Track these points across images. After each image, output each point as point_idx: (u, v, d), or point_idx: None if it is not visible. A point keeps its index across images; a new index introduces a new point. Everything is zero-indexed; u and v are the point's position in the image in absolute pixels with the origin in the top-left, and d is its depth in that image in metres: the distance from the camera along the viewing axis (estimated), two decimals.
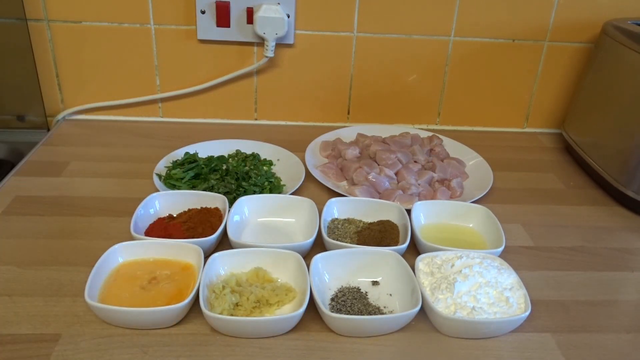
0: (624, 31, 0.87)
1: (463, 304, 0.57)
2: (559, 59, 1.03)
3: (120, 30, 0.95)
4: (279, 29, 0.93)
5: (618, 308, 0.64)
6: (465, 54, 1.01)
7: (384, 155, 0.87)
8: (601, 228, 0.79)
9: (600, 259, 0.72)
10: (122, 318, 0.55)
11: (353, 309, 0.58)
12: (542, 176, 0.94)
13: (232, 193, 0.77)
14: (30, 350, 0.53)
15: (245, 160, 0.86)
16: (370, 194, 0.80)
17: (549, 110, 1.09)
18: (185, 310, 0.56)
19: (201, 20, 0.94)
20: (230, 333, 0.56)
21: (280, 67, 1.00)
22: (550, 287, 0.66)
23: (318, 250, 0.66)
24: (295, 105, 1.05)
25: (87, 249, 0.66)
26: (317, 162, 0.90)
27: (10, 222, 0.72)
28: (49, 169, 0.85)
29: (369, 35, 0.98)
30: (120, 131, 0.99)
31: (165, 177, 0.81)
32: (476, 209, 0.75)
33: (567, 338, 0.59)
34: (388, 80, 1.03)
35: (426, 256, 0.64)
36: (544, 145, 1.05)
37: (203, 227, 0.68)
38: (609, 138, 0.88)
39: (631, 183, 0.81)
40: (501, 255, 0.66)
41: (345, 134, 0.98)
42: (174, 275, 0.61)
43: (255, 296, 0.58)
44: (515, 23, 0.99)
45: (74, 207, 0.76)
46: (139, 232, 0.66)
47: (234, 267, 0.62)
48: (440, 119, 1.08)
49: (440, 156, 0.92)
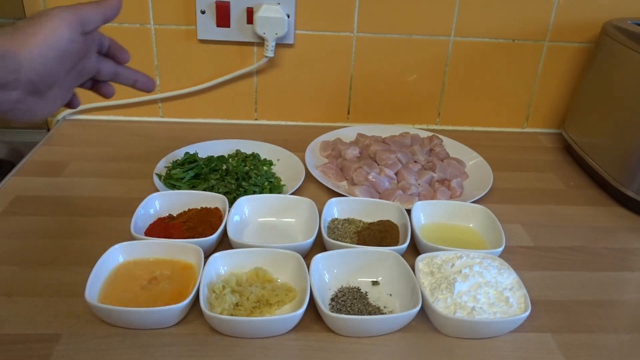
0: (624, 31, 0.87)
1: (463, 304, 0.57)
2: (559, 59, 1.03)
3: (120, 30, 0.95)
4: (279, 29, 0.93)
5: (618, 308, 0.64)
6: (465, 54, 1.01)
7: (384, 155, 0.87)
8: (601, 228, 0.79)
9: (600, 259, 0.72)
10: (122, 318, 0.55)
11: (353, 309, 0.58)
12: (542, 176, 0.94)
13: (232, 193, 0.77)
14: (30, 350, 0.53)
15: (245, 160, 0.86)
16: (370, 194, 0.80)
17: (549, 110, 1.09)
18: (185, 310, 0.56)
19: (201, 20, 0.94)
20: (230, 333, 0.56)
21: (280, 67, 1.00)
22: (550, 287, 0.66)
23: (318, 250, 0.66)
24: (295, 105, 1.05)
25: (87, 249, 0.66)
26: (317, 162, 0.90)
27: (10, 222, 0.72)
28: (49, 169, 0.85)
29: (369, 35, 0.98)
30: (120, 131, 0.99)
31: (165, 177, 0.81)
32: (476, 209, 0.75)
33: (567, 338, 0.59)
34: (388, 80, 1.03)
35: (426, 256, 0.64)
36: (544, 145, 1.05)
37: (203, 227, 0.68)
38: (609, 138, 0.88)
39: (631, 183, 0.81)
40: (501, 255, 0.66)
41: (345, 134, 0.98)
42: (174, 275, 0.61)
43: (255, 296, 0.58)
44: (515, 23, 0.99)
45: (74, 207, 0.76)
46: (139, 232, 0.66)
47: (234, 267, 0.62)
48: (440, 119, 1.08)
49: (440, 156, 0.92)
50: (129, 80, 0.61)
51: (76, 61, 0.52)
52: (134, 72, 0.62)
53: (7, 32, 0.46)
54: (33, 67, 0.47)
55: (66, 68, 0.51)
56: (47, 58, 0.48)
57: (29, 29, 0.47)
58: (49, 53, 0.48)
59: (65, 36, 0.49)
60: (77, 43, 0.50)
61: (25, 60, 0.46)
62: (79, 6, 0.51)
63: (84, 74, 0.55)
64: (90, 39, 0.54)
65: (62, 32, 0.48)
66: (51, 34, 0.48)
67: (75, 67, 0.53)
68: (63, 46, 0.49)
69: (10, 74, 0.45)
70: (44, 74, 0.48)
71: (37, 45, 0.47)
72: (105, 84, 0.61)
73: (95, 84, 0.60)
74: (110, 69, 0.59)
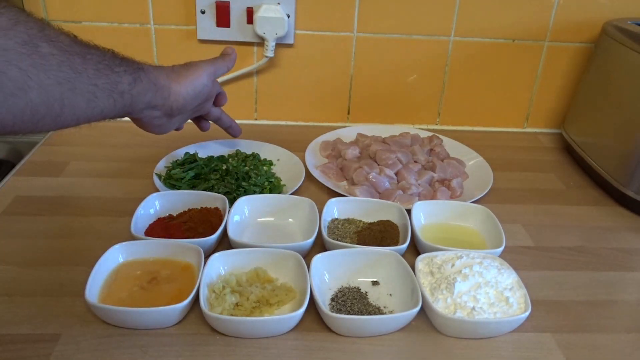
0: (624, 31, 0.87)
1: (463, 304, 0.57)
2: (559, 59, 1.03)
3: (120, 30, 0.95)
4: (279, 29, 0.93)
5: (618, 308, 0.64)
6: (465, 54, 1.01)
7: (384, 155, 0.87)
8: (601, 228, 0.79)
9: (600, 259, 0.72)
10: (122, 318, 0.55)
11: (353, 309, 0.58)
12: (542, 176, 0.94)
13: (232, 193, 0.77)
14: (30, 350, 0.53)
15: (245, 160, 0.86)
16: (370, 194, 0.80)
17: (549, 110, 1.09)
18: (185, 310, 0.56)
19: (201, 20, 0.94)
20: (230, 333, 0.56)
21: (280, 67, 1.00)
22: (550, 287, 0.66)
23: (318, 250, 0.66)
24: (295, 105, 1.05)
25: (87, 249, 0.66)
26: (317, 162, 0.90)
27: (10, 222, 0.72)
28: (49, 169, 0.85)
29: (369, 35, 0.98)
30: (120, 131, 0.98)
31: (165, 177, 0.81)
32: (476, 209, 0.75)
33: (567, 338, 0.59)
34: (388, 80, 1.03)
35: (426, 256, 0.64)
36: (544, 145, 1.05)
37: (203, 227, 0.68)
38: (609, 138, 0.88)
39: (631, 183, 0.81)
40: (501, 255, 0.66)
41: (345, 134, 0.98)
42: (174, 275, 0.61)
43: (255, 296, 0.58)
44: (515, 23, 0.99)
45: (74, 207, 0.76)
46: (139, 232, 0.66)
47: (234, 267, 0.62)
48: (440, 119, 1.08)
49: (440, 156, 0.92)
50: (225, 124, 0.83)
51: (203, 101, 0.71)
52: (230, 120, 0.83)
53: (168, 71, 0.64)
54: (176, 99, 0.64)
55: (195, 104, 0.69)
56: (187, 94, 0.66)
57: (183, 72, 0.66)
58: (189, 91, 0.66)
59: (203, 81, 0.68)
60: (208, 87, 0.70)
61: (173, 92, 0.64)
62: (213, 60, 0.72)
63: (201, 111, 0.75)
64: (215, 87, 0.73)
65: (202, 78, 0.68)
66: (195, 79, 0.67)
67: (200, 104, 0.71)
68: (199, 88, 0.68)
69: (162, 100, 0.62)
70: (180, 105, 0.65)
71: (184, 84, 0.65)
72: (206, 122, 0.81)
73: (200, 119, 0.80)
74: (217, 113, 0.80)
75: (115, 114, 0.56)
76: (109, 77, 0.52)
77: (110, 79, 0.52)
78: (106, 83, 0.52)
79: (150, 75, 0.59)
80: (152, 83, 0.60)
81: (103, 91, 0.52)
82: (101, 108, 0.52)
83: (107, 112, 0.54)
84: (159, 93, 0.61)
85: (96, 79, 0.51)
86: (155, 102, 0.61)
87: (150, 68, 0.60)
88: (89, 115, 0.51)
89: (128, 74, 0.55)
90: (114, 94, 0.53)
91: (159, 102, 0.62)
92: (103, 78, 0.51)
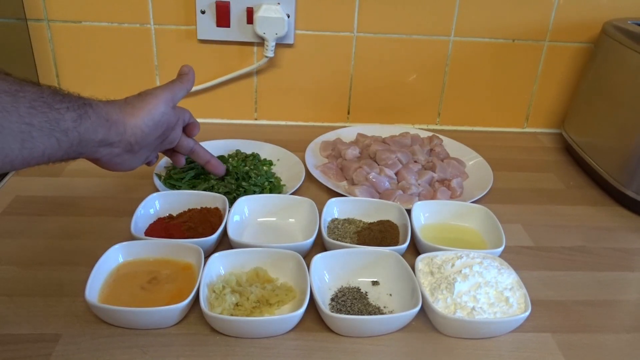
0: (624, 31, 0.87)
1: (463, 304, 0.57)
2: (559, 59, 1.03)
3: (120, 30, 0.95)
4: (279, 29, 0.93)
5: (618, 308, 0.64)
6: (465, 54, 1.01)
7: (384, 155, 0.87)
8: (601, 228, 0.79)
9: (600, 259, 0.72)
10: (122, 318, 0.55)
11: (353, 309, 0.58)
12: (542, 176, 0.94)
13: (232, 193, 0.77)
14: (30, 350, 0.53)
15: (245, 160, 0.86)
16: (370, 194, 0.80)
17: (549, 110, 1.09)
18: (185, 310, 0.56)
19: (201, 20, 0.94)
20: (230, 333, 0.56)
21: (280, 67, 1.00)
22: (550, 287, 0.66)
23: (318, 250, 0.66)
24: (295, 105, 1.05)
25: (87, 249, 0.66)
26: (317, 162, 0.90)
27: (10, 222, 0.72)
28: (49, 169, 0.84)
29: (369, 35, 0.98)
30: None
31: (165, 177, 0.81)
32: (476, 209, 0.75)
33: (567, 338, 0.59)
34: (388, 81, 1.03)
35: (426, 256, 0.64)
36: (544, 145, 1.05)
37: (203, 227, 0.68)
38: (609, 138, 0.88)
39: (631, 183, 0.81)
40: (501, 255, 0.66)
41: (345, 134, 0.98)
42: (174, 275, 0.61)
43: (255, 296, 0.58)
44: (515, 23, 0.99)
45: (74, 207, 0.76)
46: (139, 232, 0.66)
47: (234, 267, 0.62)
48: (440, 119, 1.08)
49: (440, 156, 0.92)
50: (201, 159, 0.76)
51: (165, 130, 0.66)
52: (207, 154, 0.77)
53: (121, 105, 0.60)
54: (134, 132, 0.60)
55: (157, 135, 0.64)
56: (145, 126, 0.61)
57: (137, 103, 0.61)
58: (147, 122, 0.61)
59: (161, 109, 0.63)
60: (167, 115, 0.64)
61: (129, 126, 0.59)
62: (170, 84, 0.67)
63: (167, 142, 0.69)
64: (177, 114, 0.68)
65: (159, 106, 0.63)
66: (152, 108, 0.62)
67: (163, 135, 0.66)
68: (157, 117, 0.62)
69: (117, 135, 0.58)
70: (140, 138, 0.61)
71: (140, 116, 0.60)
72: (180, 156, 0.75)
73: (173, 152, 0.74)
74: (189, 145, 0.74)
75: (63, 155, 0.52)
76: (46, 114, 0.48)
77: (48, 117, 0.49)
78: (44, 121, 0.48)
79: (100, 111, 0.55)
80: (103, 119, 0.55)
81: (41, 130, 0.48)
82: (41, 149, 0.48)
83: (51, 153, 0.50)
84: (113, 129, 0.57)
85: (30, 118, 0.47)
86: (110, 138, 0.57)
87: (100, 103, 0.56)
88: (26, 157, 0.48)
89: (71, 111, 0.51)
90: (56, 133, 0.49)
91: (114, 139, 0.57)
92: (39, 116, 0.48)
